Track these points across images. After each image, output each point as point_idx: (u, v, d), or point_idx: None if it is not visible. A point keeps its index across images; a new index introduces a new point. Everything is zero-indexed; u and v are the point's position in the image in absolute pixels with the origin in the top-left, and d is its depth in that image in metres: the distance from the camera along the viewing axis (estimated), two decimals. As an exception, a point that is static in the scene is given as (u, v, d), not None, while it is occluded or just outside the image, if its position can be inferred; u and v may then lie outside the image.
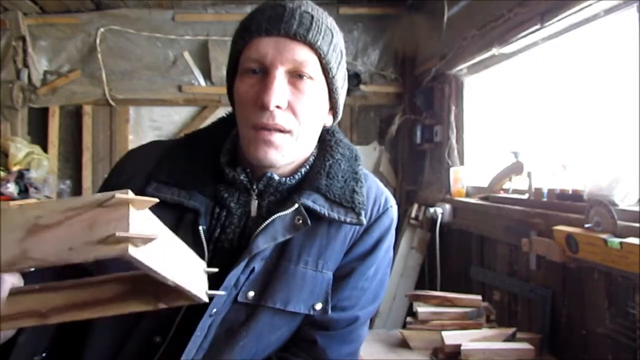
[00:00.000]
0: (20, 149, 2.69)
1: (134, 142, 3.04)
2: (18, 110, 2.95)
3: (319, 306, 0.81)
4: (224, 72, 0.84)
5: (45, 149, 2.97)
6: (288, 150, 0.77)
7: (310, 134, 0.81)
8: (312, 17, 0.76)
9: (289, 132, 0.76)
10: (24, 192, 2.63)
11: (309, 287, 0.80)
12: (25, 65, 2.98)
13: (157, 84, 3.08)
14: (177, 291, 0.59)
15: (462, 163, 2.51)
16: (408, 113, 3.03)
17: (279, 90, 0.73)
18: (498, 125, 2.41)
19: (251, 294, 0.77)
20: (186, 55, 3.09)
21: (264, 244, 0.76)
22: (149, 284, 0.61)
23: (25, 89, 2.96)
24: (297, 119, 0.76)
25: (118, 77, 3.06)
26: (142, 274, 0.56)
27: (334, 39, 0.79)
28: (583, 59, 1.78)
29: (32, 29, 3.02)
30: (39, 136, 3.03)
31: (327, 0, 3.00)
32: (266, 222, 0.76)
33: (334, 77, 0.79)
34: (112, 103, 3.04)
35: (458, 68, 2.46)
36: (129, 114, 3.11)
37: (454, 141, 2.54)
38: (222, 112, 3.02)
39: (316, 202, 0.79)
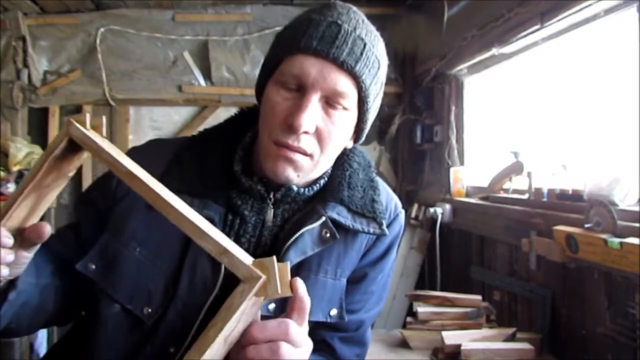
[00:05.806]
0: (20, 149, 2.69)
1: (133, 142, 3.04)
2: (18, 110, 2.94)
3: (334, 312, 0.81)
4: (224, 72, 0.84)
5: (45, 149, 2.96)
6: (305, 171, 0.76)
7: (329, 158, 0.80)
8: (365, 45, 0.74)
9: (310, 155, 0.75)
10: (24, 192, 2.62)
11: (328, 295, 0.80)
12: (25, 65, 2.97)
13: (157, 84, 3.08)
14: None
15: (462, 163, 2.51)
16: (408, 113, 3.03)
17: (311, 116, 0.72)
18: (498, 125, 2.40)
19: (272, 306, 0.76)
20: (186, 55, 3.09)
21: (295, 258, 0.75)
22: None
23: (25, 89, 2.96)
24: (320, 145, 0.75)
25: (118, 77, 3.06)
26: None
27: (380, 71, 0.77)
28: (583, 59, 1.78)
29: (32, 29, 3.01)
30: (39, 136, 3.02)
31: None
32: (295, 236, 0.75)
33: (368, 109, 0.78)
34: (112, 103, 3.04)
35: (458, 68, 2.46)
36: (129, 114, 3.10)
37: (454, 141, 2.53)
38: (222, 112, 3.08)
39: (340, 214, 0.79)
